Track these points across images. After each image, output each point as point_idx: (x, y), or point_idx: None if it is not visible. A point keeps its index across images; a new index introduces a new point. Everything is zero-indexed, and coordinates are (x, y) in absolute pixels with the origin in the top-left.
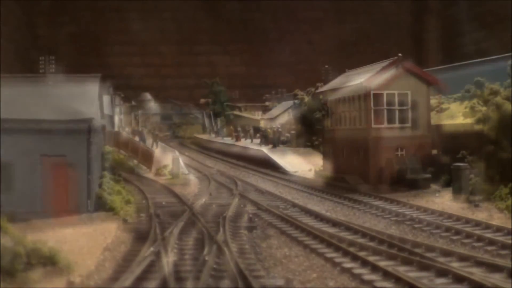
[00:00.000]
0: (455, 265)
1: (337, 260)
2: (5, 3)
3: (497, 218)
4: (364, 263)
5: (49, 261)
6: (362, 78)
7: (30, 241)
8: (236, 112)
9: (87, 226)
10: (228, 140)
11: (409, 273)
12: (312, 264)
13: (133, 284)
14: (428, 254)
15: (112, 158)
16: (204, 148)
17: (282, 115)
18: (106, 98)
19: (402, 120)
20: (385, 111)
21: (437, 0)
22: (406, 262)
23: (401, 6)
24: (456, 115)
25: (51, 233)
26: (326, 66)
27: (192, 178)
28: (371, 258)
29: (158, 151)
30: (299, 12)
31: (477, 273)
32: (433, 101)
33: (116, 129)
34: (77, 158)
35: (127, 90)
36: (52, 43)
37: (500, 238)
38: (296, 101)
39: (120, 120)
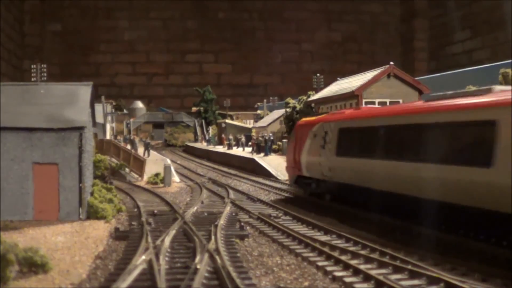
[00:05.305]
0: None
1: (329, 268)
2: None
3: None
4: (356, 271)
5: (41, 270)
6: (354, 87)
7: (21, 249)
8: (228, 120)
9: (79, 234)
10: (220, 148)
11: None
12: (304, 273)
13: None
14: None
15: (104, 166)
16: (196, 156)
17: (273, 124)
18: (98, 107)
19: None
20: None
21: (424, 0)
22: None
23: (389, 9)
24: None
25: (42, 241)
26: (318, 75)
27: (184, 186)
28: (363, 267)
29: (150, 159)
30: (286, 12)
31: None
32: None
33: (108, 137)
34: (68, 166)
35: (118, 98)
36: (48, 58)
37: None
38: (287, 109)
39: (112, 128)
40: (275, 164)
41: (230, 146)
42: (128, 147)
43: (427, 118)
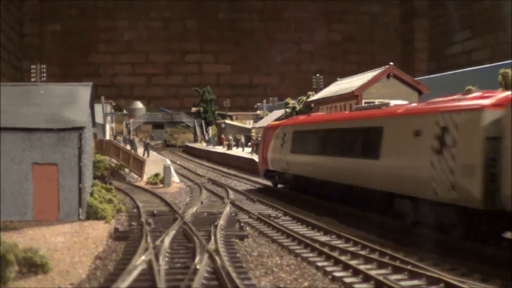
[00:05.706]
0: None
1: (329, 269)
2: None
3: None
4: (356, 272)
5: (41, 270)
6: (353, 87)
7: (21, 249)
8: (228, 121)
9: (79, 234)
10: (220, 149)
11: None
12: (304, 273)
13: None
14: None
15: (104, 166)
16: (196, 157)
17: None
18: (97, 107)
19: None
20: None
21: (424, 1)
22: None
23: (388, 9)
24: None
25: (42, 242)
26: (318, 75)
27: (184, 186)
28: (362, 267)
29: (150, 160)
30: (285, 12)
31: None
32: None
33: (107, 137)
34: (68, 166)
35: (118, 98)
36: (48, 59)
37: None
38: (287, 109)
39: (112, 129)
40: None
41: (229, 147)
42: (128, 147)
43: (346, 124)
